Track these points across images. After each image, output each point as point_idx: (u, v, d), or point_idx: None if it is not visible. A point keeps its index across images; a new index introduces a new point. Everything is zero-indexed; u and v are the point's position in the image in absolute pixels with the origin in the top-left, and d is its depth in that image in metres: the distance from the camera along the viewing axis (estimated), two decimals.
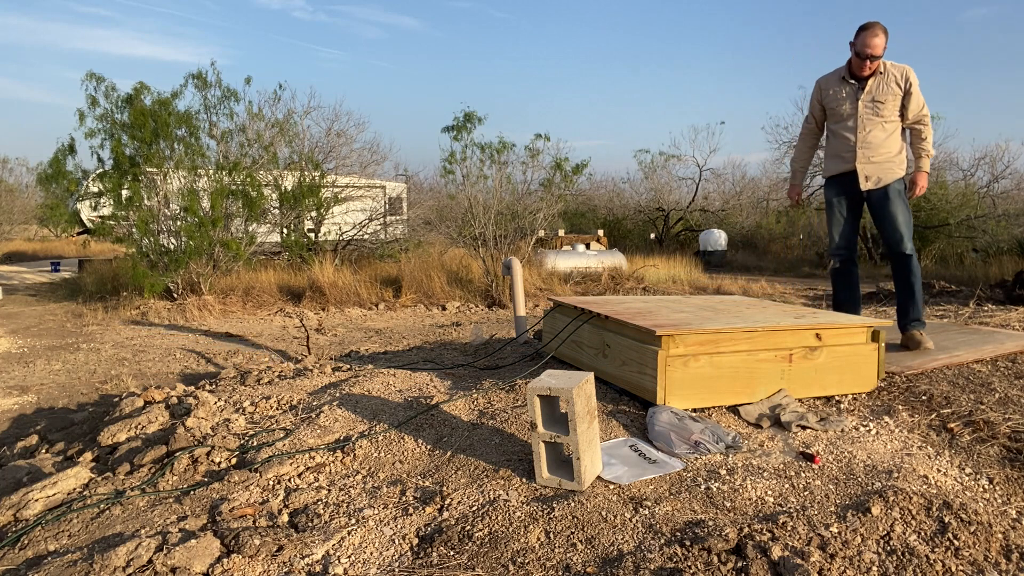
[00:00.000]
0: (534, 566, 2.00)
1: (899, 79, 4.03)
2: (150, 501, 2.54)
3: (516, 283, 5.27)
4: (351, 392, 3.61)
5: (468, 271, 11.21)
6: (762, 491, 2.48)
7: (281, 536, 2.19)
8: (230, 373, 4.73)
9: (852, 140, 4.13)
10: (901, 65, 4.05)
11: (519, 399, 3.41)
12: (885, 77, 4.04)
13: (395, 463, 2.81)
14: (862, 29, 4.01)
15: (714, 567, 1.92)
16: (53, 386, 5.18)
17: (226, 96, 10.33)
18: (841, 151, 4.21)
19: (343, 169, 15.53)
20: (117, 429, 3.31)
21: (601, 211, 27.15)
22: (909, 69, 4.04)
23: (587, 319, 3.94)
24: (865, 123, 4.08)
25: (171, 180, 9.50)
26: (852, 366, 3.46)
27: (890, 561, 1.97)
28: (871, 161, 4.11)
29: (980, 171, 19.88)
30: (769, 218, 24.67)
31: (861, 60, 4.00)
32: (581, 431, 2.44)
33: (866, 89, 4.06)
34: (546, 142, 11.93)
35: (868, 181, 4.13)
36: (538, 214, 11.60)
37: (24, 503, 2.56)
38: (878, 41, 3.94)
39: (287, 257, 12.37)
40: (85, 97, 9.10)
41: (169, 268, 9.34)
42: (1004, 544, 2.07)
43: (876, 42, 3.94)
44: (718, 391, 3.25)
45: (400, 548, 2.15)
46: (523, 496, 2.45)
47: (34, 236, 29.96)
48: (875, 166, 4.11)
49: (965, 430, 3.06)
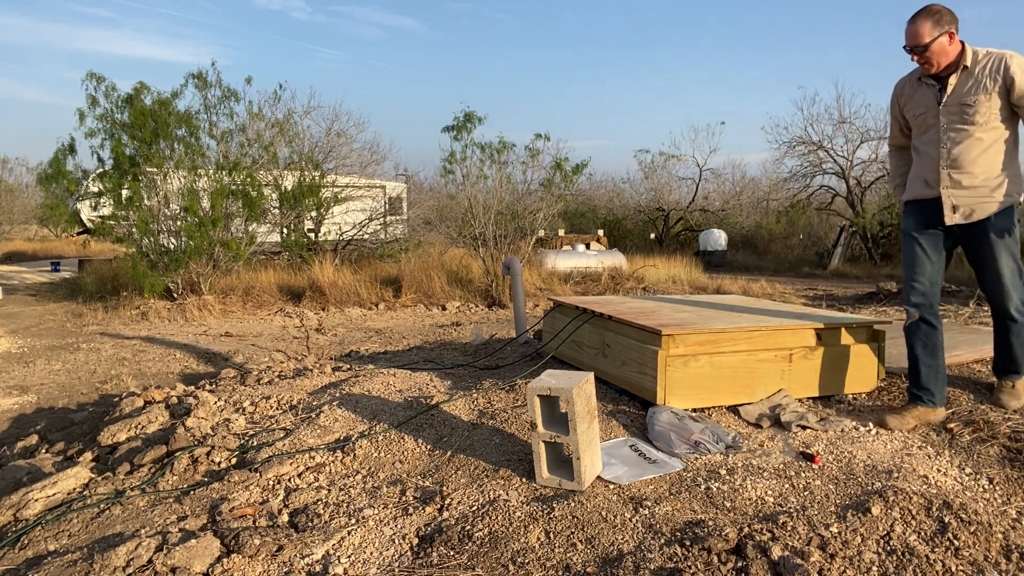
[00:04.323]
0: (534, 566, 2.00)
1: (994, 70, 2.97)
2: (150, 501, 2.54)
3: (516, 283, 5.27)
4: (351, 392, 3.61)
5: (468, 271, 11.21)
6: (762, 491, 2.48)
7: (281, 536, 2.19)
8: (230, 373, 4.73)
9: (935, 158, 3.13)
10: (1000, 52, 3.02)
11: (519, 399, 3.41)
12: (974, 71, 3.01)
13: (395, 463, 2.81)
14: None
15: (714, 567, 1.92)
16: (53, 386, 5.18)
17: (226, 96, 10.34)
18: (925, 172, 3.19)
19: (343, 169, 15.54)
20: (117, 429, 3.31)
21: (601, 211, 27.16)
22: (1011, 55, 2.99)
23: (587, 319, 3.94)
24: (951, 134, 3.06)
25: (171, 180, 9.50)
26: (852, 366, 3.46)
27: (890, 561, 1.97)
28: (961, 186, 3.06)
29: None
30: (769, 218, 24.67)
31: (911, 56, 3.10)
32: (581, 431, 2.44)
33: (948, 90, 3.05)
34: (546, 142, 11.95)
35: (956, 213, 3.08)
36: (538, 214, 11.60)
37: (24, 503, 2.56)
38: (915, 29, 2.99)
39: (287, 257, 12.37)
40: (85, 97, 9.11)
41: (169, 268, 9.34)
42: (1004, 544, 2.07)
43: (913, 30, 3.00)
44: (718, 391, 3.25)
45: (400, 548, 2.15)
46: (523, 496, 2.45)
47: (34, 236, 29.96)
48: (966, 193, 3.05)
49: (965, 430, 3.06)
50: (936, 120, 3.10)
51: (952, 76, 3.04)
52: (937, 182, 3.11)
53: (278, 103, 13.87)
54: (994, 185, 3.03)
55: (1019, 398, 3.24)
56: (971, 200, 3.05)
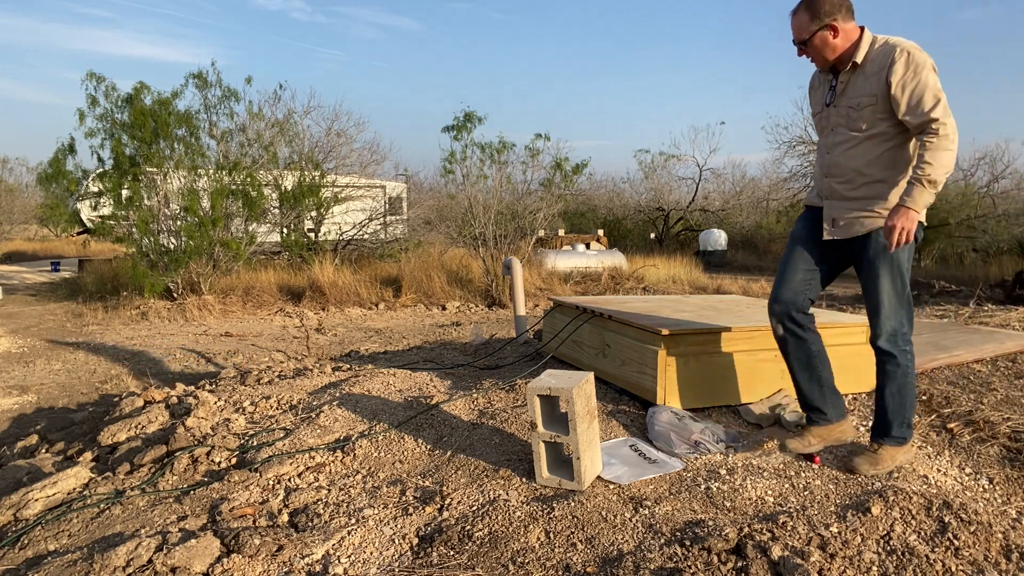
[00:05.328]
0: (534, 566, 2.00)
1: (881, 67, 2.48)
2: (150, 501, 2.54)
3: (516, 283, 5.27)
4: (351, 392, 3.61)
5: (468, 271, 11.21)
6: (762, 491, 2.48)
7: (281, 536, 2.19)
8: (230, 373, 4.73)
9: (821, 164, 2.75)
10: (893, 43, 2.49)
11: (519, 399, 3.41)
12: (865, 67, 2.53)
13: (395, 463, 2.81)
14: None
15: (714, 567, 1.92)
16: (53, 386, 5.18)
17: (226, 96, 10.33)
18: (816, 179, 2.84)
19: (343, 169, 15.53)
20: (117, 429, 3.31)
21: (601, 211, 27.16)
22: (901, 46, 2.46)
23: (587, 319, 3.93)
24: (836, 139, 2.64)
25: (171, 180, 9.50)
26: (852, 366, 3.46)
27: (890, 561, 1.97)
28: (842, 197, 2.64)
29: (980, 171, 19.90)
30: (769, 218, 24.67)
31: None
32: (581, 431, 2.44)
33: (838, 89, 2.62)
34: (546, 142, 11.92)
35: (835, 227, 2.67)
36: (538, 214, 11.60)
37: (24, 503, 2.56)
38: (794, 22, 2.60)
39: (287, 257, 12.37)
40: (85, 97, 9.11)
41: (169, 268, 9.34)
42: (1004, 544, 2.07)
43: (793, 23, 2.60)
44: (718, 391, 3.25)
45: (400, 548, 2.15)
46: (523, 496, 2.45)
47: (34, 236, 29.96)
48: (848, 205, 2.63)
49: (965, 430, 3.06)
50: (827, 122, 2.68)
51: (843, 73, 2.60)
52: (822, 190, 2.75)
53: (278, 103, 13.87)
54: (877, 200, 2.57)
55: (876, 465, 2.65)
56: (853, 214, 2.61)
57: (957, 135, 2.42)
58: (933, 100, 2.40)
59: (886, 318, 2.58)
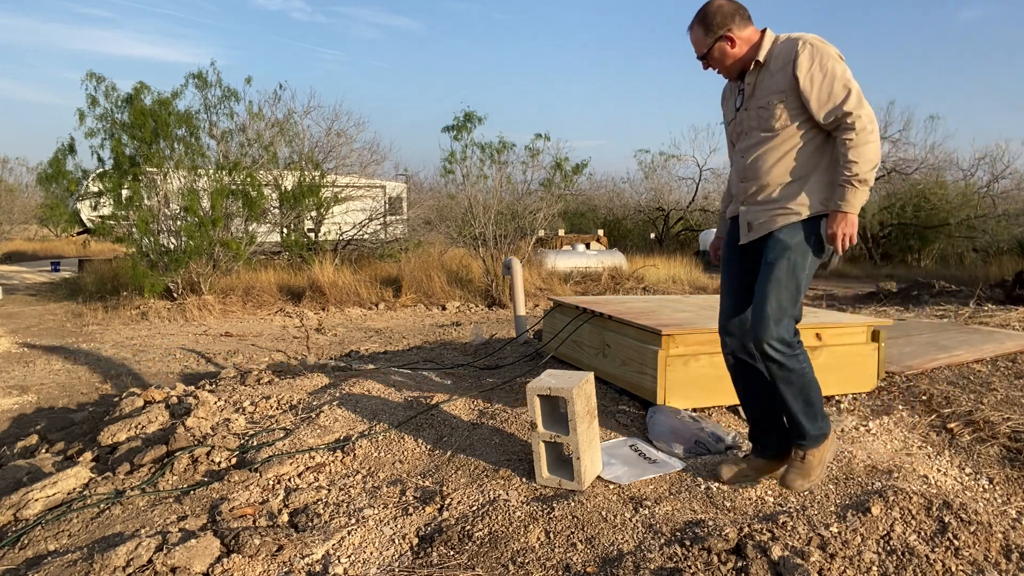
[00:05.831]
0: (534, 566, 2.00)
1: (786, 63, 2.40)
2: (150, 501, 2.54)
3: (516, 283, 5.27)
4: (351, 392, 3.61)
5: (468, 271, 11.21)
6: (762, 491, 2.48)
7: (281, 536, 2.19)
8: (230, 373, 4.73)
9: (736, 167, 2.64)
10: (795, 38, 2.42)
11: (519, 399, 3.41)
12: (769, 65, 2.45)
13: (395, 463, 2.81)
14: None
15: (714, 567, 1.92)
16: (53, 386, 5.18)
17: (226, 96, 10.32)
18: (732, 186, 2.74)
19: (343, 169, 15.52)
20: (117, 429, 3.31)
21: (601, 211, 27.18)
22: (803, 39, 2.40)
23: (587, 319, 3.94)
24: (749, 142, 2.53)
25: (171, 180, 9.50)
26: (852, 366, 3.46)
27: (890, 561, 1.97)
28: (756, 201, 2.52)
29: (980, 171, 19.93)
30: None
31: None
32: (581, 431, 2.44)
33: (747, 91, 2.53)
34: (546, 142, 11.92)
35: (749, 230, 2.56)
36: (538, 214, 11.60)
37: (24, 503, 2.56)
38: (692, 38, 2.54)
39: (287, 257, 12.37)
40: (85, 97, 9.11)
41: (169, 268, 9.34)
42: (1004, 544, 2.07)
43: (692, 39, 2.55)
44: (718, 391, 3.25)
45: (400, 548, 2.15)
46: (523, 496, 2.45)
47: (34, 236, 29.97)
48: (761, 209, 2.50)
49: (965, 430, 3.06)
50: (741, 127, 2.57)
51: (749, 74, 2.50)
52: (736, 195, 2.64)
53: (278, 103, 13.85)
54: (790, 198, 2.45)
55: (808, 475, 2.51)
56: (765, 216, 2.49)
57: (875, 124, 2.33)
58: (844, 91, 2.31)
59: (776, 320, 2.39)
